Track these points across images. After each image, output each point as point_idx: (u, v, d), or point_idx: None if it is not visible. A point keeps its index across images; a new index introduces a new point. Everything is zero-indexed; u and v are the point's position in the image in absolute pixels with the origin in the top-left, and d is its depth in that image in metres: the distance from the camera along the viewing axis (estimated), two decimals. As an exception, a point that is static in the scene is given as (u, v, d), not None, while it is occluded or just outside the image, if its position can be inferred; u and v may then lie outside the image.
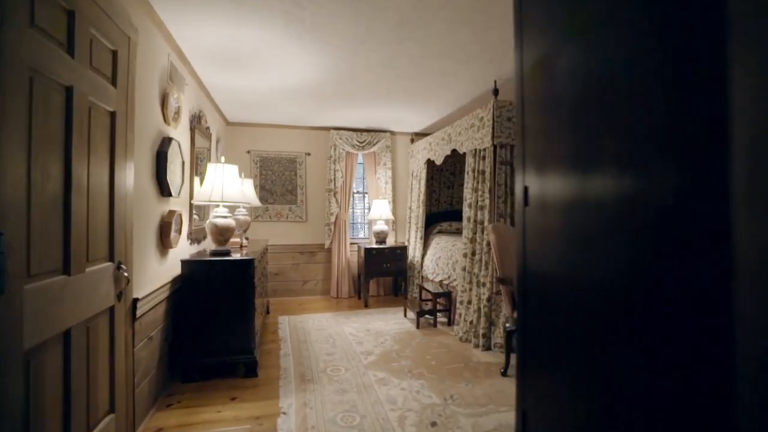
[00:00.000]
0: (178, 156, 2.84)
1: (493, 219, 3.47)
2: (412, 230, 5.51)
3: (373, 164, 5.79)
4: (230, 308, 2.86)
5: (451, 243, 4.65)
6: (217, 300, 2.84)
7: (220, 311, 2.84)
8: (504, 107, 3.45)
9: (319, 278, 5.65)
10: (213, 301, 2.83)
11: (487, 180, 3.55)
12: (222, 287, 2.85)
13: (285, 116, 5.02)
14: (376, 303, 5.31)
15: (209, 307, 2.82)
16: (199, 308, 2.81)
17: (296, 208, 5.54)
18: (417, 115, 4.93)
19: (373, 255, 5.08)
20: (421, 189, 5.28)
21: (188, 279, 2.80)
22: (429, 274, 5.02)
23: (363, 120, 5.24)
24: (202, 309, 2.81)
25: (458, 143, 4.11)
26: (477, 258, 3.62)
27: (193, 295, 2.80)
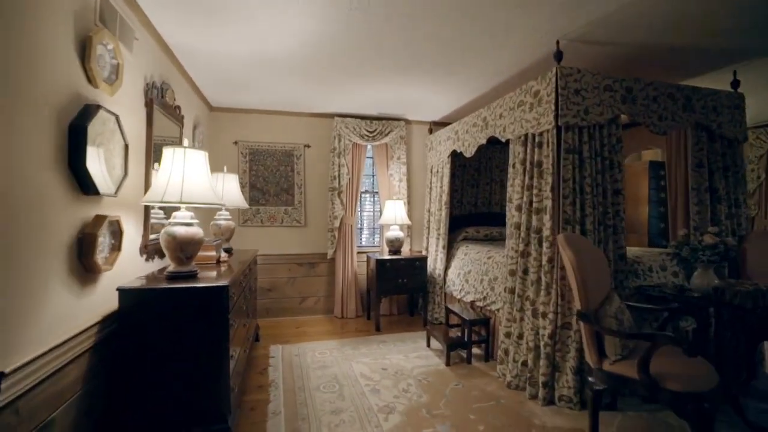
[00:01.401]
0: (116, 136, 1.95)
1: (557, 227, 2.57)
2: (431, 237, 4.61)
3: (385, 158, 4.89)
4: (193, 357, 1.97)
5: (484, 254, 3.75)
6: (174, 346, 1.94)
7: (177, 363, 1.94)
8: (570, 76, 2.56)
9: (320, 294, 4.74)
10: (167, 348, 1.94)
11: (546, 174, 2.65)
12: (181, 326, 1.95)
13: (279, 99, 4.13)
14: (389, 325, 4.40)
15: (161, 358, 1.93)
16: (147, 360, 1.91)
17: (293, 210, 4.65)
18: (441, 96, 4.03)
19: (386, 268, 4.18)
20: (443, 188, 4.38)
21: (129, 316, 1.90)
22: (454, 291, 4.11)
23: (373, 104, 4.35)
24: (151, 361, 1.92)
25: (498, 128, 3.21)
26: (532, 278, 2.72)
27: (137, 340, 1.90)
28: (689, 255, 2.54)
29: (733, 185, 3.11)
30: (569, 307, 2.54)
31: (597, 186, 2.61)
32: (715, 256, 2.47)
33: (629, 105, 2.72)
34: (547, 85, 2.62)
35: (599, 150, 2.63)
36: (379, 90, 3.82)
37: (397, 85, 3.68)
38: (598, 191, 2.61)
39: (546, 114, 2.63)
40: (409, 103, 4.29)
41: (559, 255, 2.54)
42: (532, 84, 2.78)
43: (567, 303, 2.54)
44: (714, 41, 2.75)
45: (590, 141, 2.61)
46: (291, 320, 4.55)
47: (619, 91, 2.70)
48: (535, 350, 2.65)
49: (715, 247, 2.45)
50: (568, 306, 2.54)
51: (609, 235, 2.63)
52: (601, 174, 2.63)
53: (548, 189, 2.61)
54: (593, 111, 2.60)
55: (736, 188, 3.12)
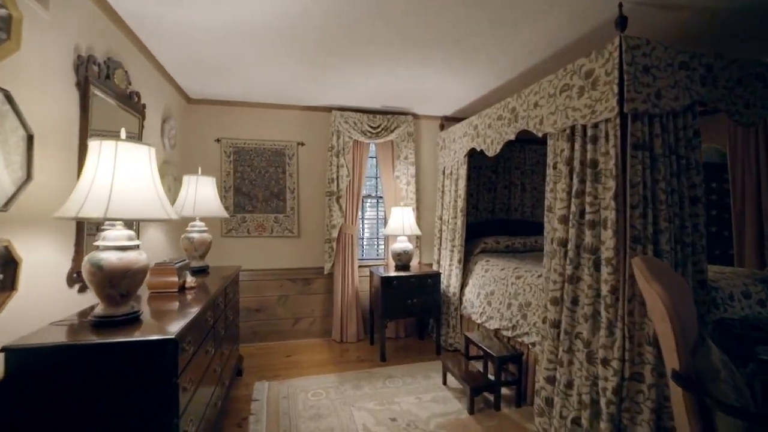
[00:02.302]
0: (7, 121, 1.35)
1: (622, 246, 1.95)
2: (444, 249, 3.99)
3: (390, 158, 4.28)
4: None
5: (511, 272, 3.13)
6: (94, 429, 1.33)
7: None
8: (638, 48, 1.94)
9: (316, 315, 4.13)
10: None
11: (605, 177, 2.04)
12: (104, 401, 1.34)
13: (266, 89, 3.53)
14: (396, 352, 3.78)
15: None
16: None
17: (285, 218, 4.03)
18: (457, 84, 3.42)
19: (392, 287, 3.56)
20: (458, 192, 3.77)
21: (22, 388, 1.29)
22: (473, 314, 3.50)
23: (377, 95, 3.74)
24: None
25: (533, 120, 2.59)
26: (585, 312, 2.10)
27: (32, 425, 1.29)
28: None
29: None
30: (639, 352, 1.92)
31: (673, 192, 2.00)
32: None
33: (709, 88, 2.11)
34: (606, 62, 2.01)
35: (674, 146, 2.02)
36: (385, 77, 3.21)
37: (405, 71, 3.07)
38: (673, 199, 2.00)
39: (605, 99, 2.02)
40: (418, 93, 3.68)
41: (629, 284, 1.92)
42: (583, 62, 2.17)
43: (636, 347, 1.92)
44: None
45: (663, 134, 1.99)
46: (282, 345, 3.93)
47: (698, 70, 2.09)
48: (591, 406, 2.03)
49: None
50: (638, 351, 1.92)
51: (687, 255, 2.02)
52: (677, 177, 2.02)
53: (609, 196, 1.99)
54: (667, 95, 1.99)
55: (831, 194, 2.51)
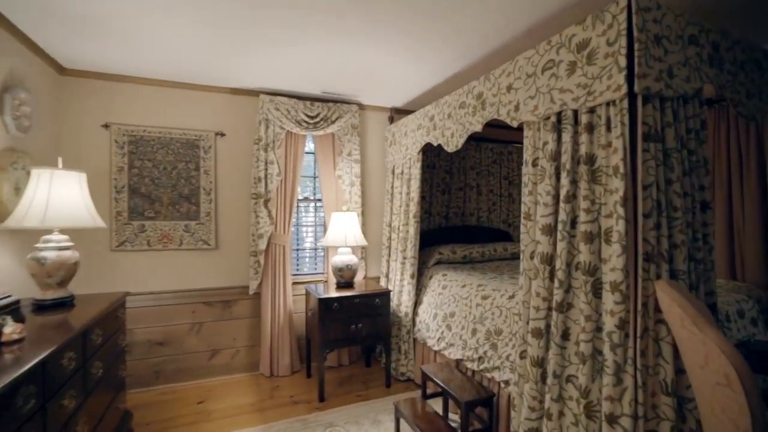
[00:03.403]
0: None
1: (632, 266, 1.50)
2: (395, 261, 3.43)
3: (331, 154, 3.64)
4: None
5: (474, 289, 2.64)
6: None
7: None
8: (649, 12, 1.51)
9: (239, 345, 3.36)
10: None
11: (605, 176, 1.58)
12: None
13: (172, 61, 2.74)
14: (338, 388, 3.14)
15: None
16: None
17: (198, 226, 3.23)
18: (413, 65, 2.88)
19: (332, 310, 2.92)
20: (411, 195, 3.23)
21: None
22: (429, 339, 2.97)
23: (315, 78, 3.09)
24: None
25: (506, 107, 2.11)
26: (580, 350, 1.62)
27: None
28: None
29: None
30: (654, 404, 1.48)
31: (685, 196, 1.59)
32: None
33: (716, 70, 1.75)
34: (608, 29, 1.56)
35: (684, 139, 1.62)
36: (324, 53, 2.58)
37: (349, 45, 2.46)
38: (687, 206, 1.59)
39: (606, 75, 1.56)
40: (365, 78, 3.09)
41: (641, 315, 1.47)
42: (574, 31, 1.71)
43: (650, 397, 1.48)
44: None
45: (675, 123, 1.58)
46: (194, 387, 3.12)
47: (706, 48, 1.71)
48: (592, 476, 1.56)
49: None
50: (652, 403, 1.47)
51: (700, 275, 1.62)
52: (689, 177, 1.62)
53: (613, 201, 1.53)
54: (679, 74, 1.58)
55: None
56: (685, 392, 1.48)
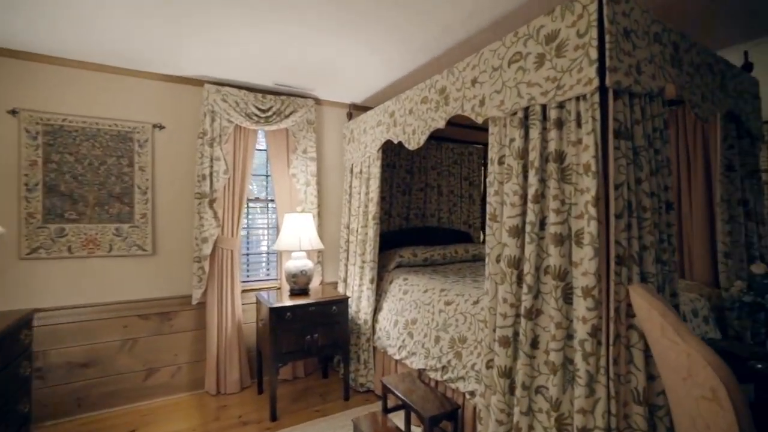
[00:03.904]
0: None
1: (604, 270, 1.42)
2: (353, 265, 3.24)
3: (285, 151, 3.40)
4: None
5: (437, 294, 2.52)
6: None
7: None
8: (619, 4, 1.44)
9: (181, 361, 3.02)
10: None
11: (576, 174, 1.50)
12: None
13: (99, 39, 2.39)
14: (293, 403, 2.91)
15: None
16: None
17: (132, 230, 2.87)
18: (371, 60, 2.72)
19: (285, 320, 2.69)
20: (370, 195, 3.07)
21: None
22: (389, 347, 2.81)
23: (268, 68, 2.85)
24: None
25: (470, 102, 2.00)
26: (550, 359, 1.53)
27: None
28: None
29: (758, 196, 2.37)
30: (626, 414, 1.40)
31: (653, 196, 1.54)
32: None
33: (677, 70, 1.73)
34: (578, 19, 1.48)
35: (651, 137, 1.57)
36: (277, 40, 2.35)
37: (306, 33, 2.26)
38: (655, 206, 1.55)
39: (577, 69, 1.48)
40: (321, 70, 2.88)
41: (613, 322, 1.39)
42: (542, 22, 1.62)
43: (622, 407, 1.40)
44: None
45: (643, 120, 1.53)
46: (126, 413, 2.76)
47: (668, 48, 1.69)
48: (565, 495, 1.47)
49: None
50: (624, 413, 1.40)
51: (665, 276, 1.58)
52: (655, 177, 1.57)
53: (585, 201, 1.45)
54: (646, 70, 1.53)
55: (759, 200, 2.39)
56: (655, 399, 1.42)
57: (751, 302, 1.68)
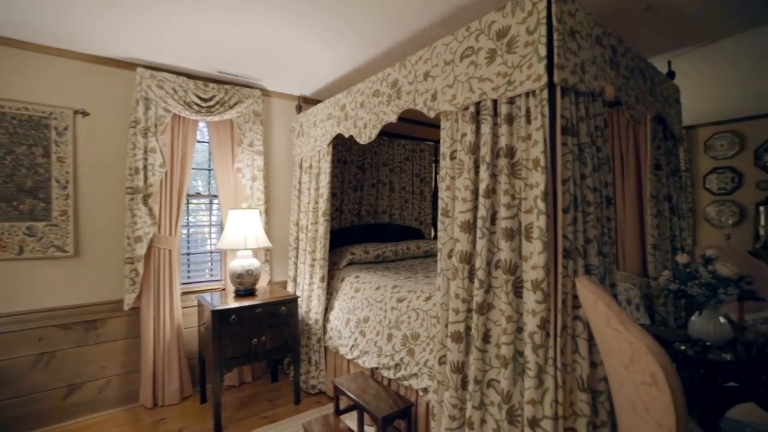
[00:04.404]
0: None
1: (552, 263, 1.45)
2: (303, 263, 3.13)
3: (230, 143, 3.20)
4: None
5: (389, 292, 2.49)
6: None
7: None
8: (566, 3, 1.48)
9: (111, 373, 2.74)
10: None
11: (526, 169, 1.52)
12: None
13: (13, 9, 2.08)
14: (239, 411, 2.75)
15: None
16: None
17: (49, 228, 2.55)
18: (322, 52, 2.62)
19: (230, 323, 2.52)
20: (320, 191, 2.97)
21: None
22: (341, 347, 2.74)
23: (211, 55, 2.66)
24: None
25: (423, 96, 1.98)
26: (502, 353, 1.55)
27: None
28: (702, 293, 1.76)
29: (680, 192, 2.58)
30: (571, 401, 1.45)
31: (596, 192, 1.61)
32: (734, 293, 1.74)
33: (615, 73, 1.83)
34: (528, 16, 1.50)
35: (593, 135, 1.64)
36: (220, 23, 2.18)
37: (253, 18, 2.11)
38: (597, 201, 1.61)
39: (526, 65, 1.50)
40: (271, 59, 2.74)
41: (561, 313, 1.43)
42: (494, 18, 1.63)
43: (568, 394, 1.45)
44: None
45: (586, 118, 1.59)
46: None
47: (608, 50, 1.77)
48: (515, 485, 1.49)
49: (741, 280, 1.71)
50: (570, 400, 1.45)
51: (606, 268, 1.66)
52: (597, 173, 1.64)
53: (534, 196, 1.48)
54: (589, 71, 1.59)
55: (680, 196, 2.61)
56: (597, 386, 1.49)
57: (675, 290, 1.81)
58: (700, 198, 4.36)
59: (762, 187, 3.93)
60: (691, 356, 1.65)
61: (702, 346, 1.68)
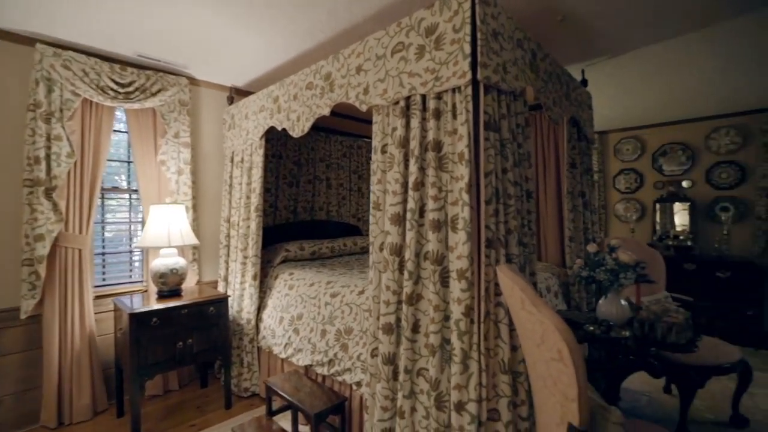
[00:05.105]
0: None
1: (476, 253, 1.52)
2: (235, 262, 2.99)
3: (152, 133, 2.96)
4: None
5: (323, 288, 2.46)
6: None
7: None
8: (489, 5, 1.56)
9: (4, 393, 2.40)
10: None
11: (452, 163, 1.58)
12: None
13: None
14: (163, 422, 2.55)
15: None
16: None
17: None
18: (254, 41, 2.51)
19: (151, 326, 2.34)
20: (252, 186, 2.86)
21: None
22: (275, 346, 2.66)
23: (129, 36, 2.44)
24: None
25: (355, 89, 1.98)
26: (430, 342, 1.59)
27: None
28: (607, 278, 1.94)
29: (592, 189, 2.84)
30: (494, 384, 1.53)
31: (516, 185, 1.71)
32: (632, 277, 1.94)
33: (534, 75, 1.96)
34: (454, 15, 1.56)
35: (515, 132, 1.74)
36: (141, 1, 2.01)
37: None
38: (518, 194, 1.72)
39: (453, 62, 1.55)
40: (199, 45, 2.57)
41: (484, 300, 1.50)
42: (423, 15, 1.67)
43: (491, 378, 1.53)
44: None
45: (508, 116, 1.68)
46: None
47: (528, 54, 1.89)
48: (442, 468, 1.54)
49: (637, 265, 1.92)
50: (493, 383, 1.53)
51: (526, 257, 1.78)
52: (518, 168, 1.75)
53: (459, 188, 1.53)
54: (510, 71, 1.69)
55: (592, 193, 2.87)
56: (517, 367, 1.58)
57: (586, 276, 1.99)
58: (611, 196, 4.84)
59: (658, 187, 4.45)
60: (598, 335, 1.82)
61: (607, 326, 1.86)
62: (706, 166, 4.16)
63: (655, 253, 2.68)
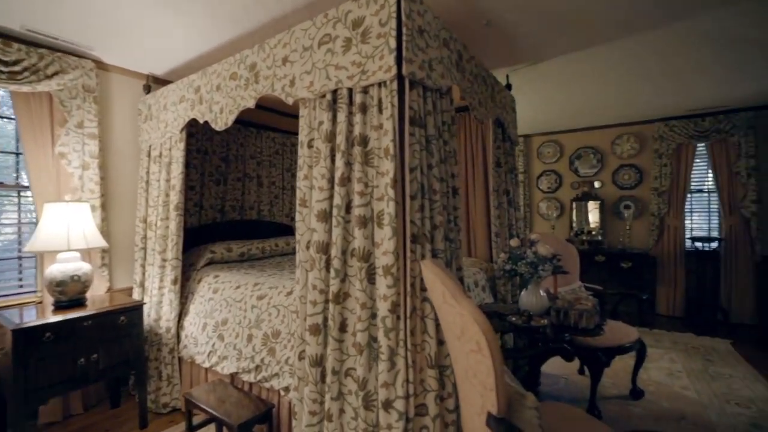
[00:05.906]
0: None
1: (402, 249, 1.51)
2: (152, 266, 2.73)
3: (49, 122, 2.60)
4: None
5: (249, 289, 2.33)
6: None
7: None
8: (414, 2, 1.56)
9: None
10: None
11: (378, 158, 1.56)
12: None
13: None
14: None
15: None
16: None
17: None
18: (175, 22, 2.30)
19: (44, 342, 2.04)
20: (172, 182, 2.63)
21: None
22: (198, 355, 2.47)
23: (13, 3, 2.10)
24: None
25: (281, 81, 1.89)
26: (357, 341, 1.55)
27: None
28: (528, 270, 2.05)
29: (516, 188, 3.00)
30: (421, 379, 1.54)
31: (442, 181, 1.74)
32: (549, 269, 2.07)
33: (461, 75, 2.01)
34: (380, 9, 1.54)
35: (441, 129, 1.77)
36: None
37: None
38: (443, 190, 1.74)
39: (378, 56, 1.54)
40: (103, 22, 2.30)
41: (410, 296, 1.50)
42: (350, 7, 1.63)
43: (418, 373, 1.53)
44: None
45: (434, 113, 1.70)
46: None
47: (454, 54, 1.94)
48: (371, 468, 1.51)
49: (554, 258, 2.04)
50: (421, 378, 1.53)
51: (452, 252, 1.81)
52: (444, 164, 1.78)
53: (384, 183, 1.52)
54: (436, 69, 1.71)
55: (516, 191, 3.03)
56: (443, 361, 1.60)
57: (509, 269, 2.09)
58: (535, 195, 5.18)
59: (574, 187, 4.86)
60: (520, 325, 1.91)
61: (528, 316, 1.96)
62: (612, 168, 4.62)
63: (570, 247, 2.89)
